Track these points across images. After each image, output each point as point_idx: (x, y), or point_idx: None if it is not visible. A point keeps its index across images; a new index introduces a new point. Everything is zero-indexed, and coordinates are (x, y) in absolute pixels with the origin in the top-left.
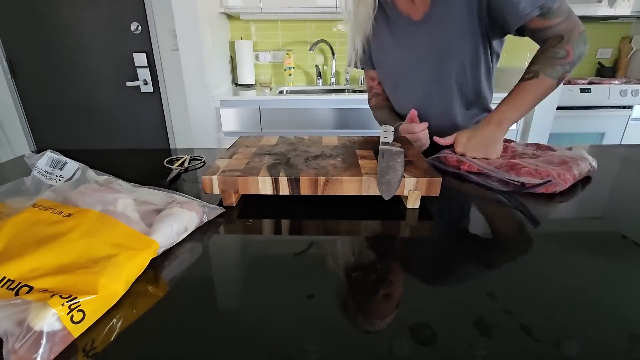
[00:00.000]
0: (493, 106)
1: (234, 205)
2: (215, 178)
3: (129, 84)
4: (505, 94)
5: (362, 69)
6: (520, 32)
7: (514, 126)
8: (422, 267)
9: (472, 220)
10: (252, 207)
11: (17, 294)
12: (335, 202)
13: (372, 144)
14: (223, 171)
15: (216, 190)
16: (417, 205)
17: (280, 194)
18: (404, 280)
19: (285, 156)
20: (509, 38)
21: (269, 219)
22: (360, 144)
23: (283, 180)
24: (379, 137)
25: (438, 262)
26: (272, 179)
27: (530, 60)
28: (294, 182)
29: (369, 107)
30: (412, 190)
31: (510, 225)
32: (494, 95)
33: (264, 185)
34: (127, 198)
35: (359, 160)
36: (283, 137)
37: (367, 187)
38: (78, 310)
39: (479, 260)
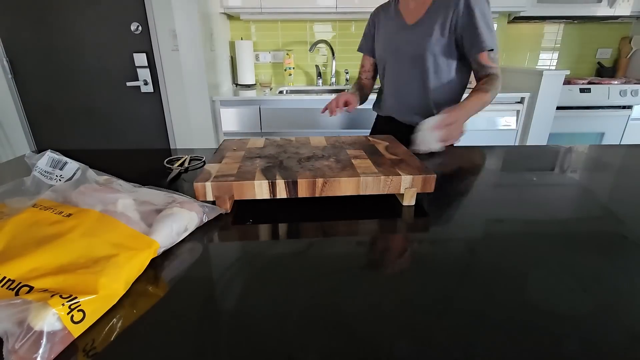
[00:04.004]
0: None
1: (229, 211)
2: (208, 184)
3: (129, 84)
4: (504, 94)
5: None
6: (465, 58)
7: (513, 126)
8: (422, 265)
9: (467, 217)
10: (248, 209)
11: (17, 294)
12: (331, 203)
13: (361, 144)
14: (216, 177)
15: (210, 197)
16: (413, 202)
17: (278, 197)
18: (403, 278)
19: (277, 158)
20: (509, 38)
21: (268, 220)
22: (349, 143)
23: (280, 184)
24: (366, 137)
25: (436, 259)
26: (269, 182)
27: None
28: (292, 185)
29: (369, 108)
30: (408, 187)
31: (509, 224)
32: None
33: (260, 190)
34: (127, 198)
35: (353, 160)
36: (269, 139)
37: (365, 186)
38: (78, 310)
39: (478, 259)
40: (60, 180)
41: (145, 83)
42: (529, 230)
